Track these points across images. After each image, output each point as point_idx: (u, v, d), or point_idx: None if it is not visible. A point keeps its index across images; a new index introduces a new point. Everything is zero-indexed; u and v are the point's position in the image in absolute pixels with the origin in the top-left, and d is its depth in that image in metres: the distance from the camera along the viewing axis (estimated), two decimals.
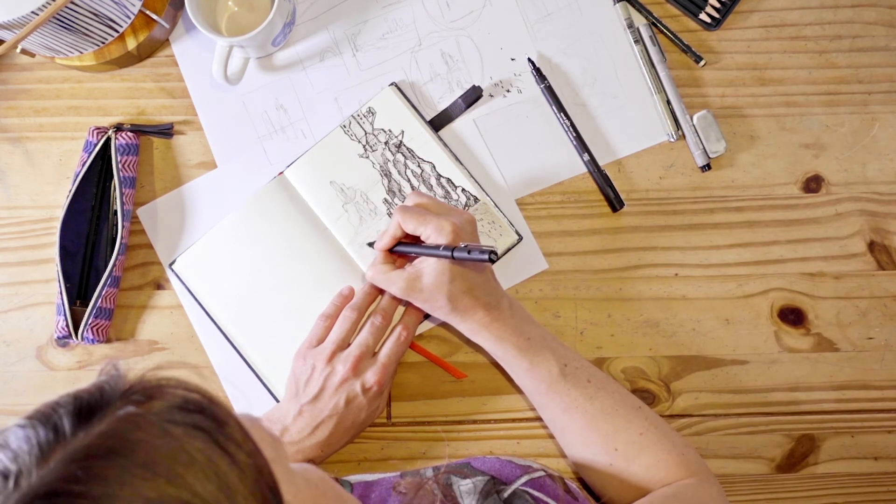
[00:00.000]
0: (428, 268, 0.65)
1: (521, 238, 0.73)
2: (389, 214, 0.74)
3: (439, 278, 0.64)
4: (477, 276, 0.66)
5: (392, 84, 0.75)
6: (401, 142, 0.74)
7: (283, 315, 0.73)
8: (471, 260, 0.62)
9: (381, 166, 0.74)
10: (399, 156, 0.74)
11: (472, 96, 0.75)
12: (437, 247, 0.64)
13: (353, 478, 0.61)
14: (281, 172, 0.74)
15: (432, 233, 0.64)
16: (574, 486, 0.62)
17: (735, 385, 0.74)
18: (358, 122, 0.74)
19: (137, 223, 0.75)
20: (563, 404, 0.66)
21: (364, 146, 0.74)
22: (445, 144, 0.74)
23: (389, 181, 0.74)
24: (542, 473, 0.60)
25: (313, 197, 0.74)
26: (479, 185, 0.74)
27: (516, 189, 0.75)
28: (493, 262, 0.61)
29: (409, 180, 0.74)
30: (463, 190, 0.74)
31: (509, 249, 0.73)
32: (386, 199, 0.74)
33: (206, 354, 0.74)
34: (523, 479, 0.59)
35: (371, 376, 0.66)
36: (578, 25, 0.77)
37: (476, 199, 0.74)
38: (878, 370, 0.74)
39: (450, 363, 0.73)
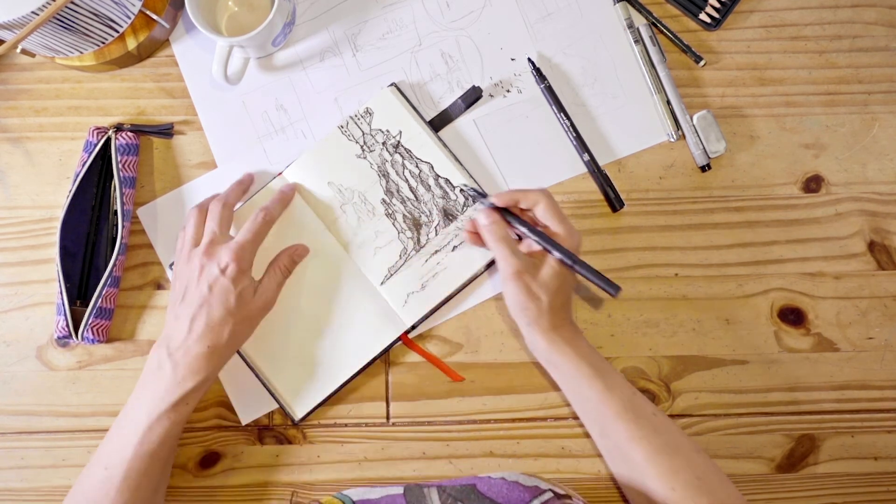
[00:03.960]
0: (549, 263, 0.66)
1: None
2: (387, 215, 0.74)
3: (554, 280, 0.66)
4: (571, 293, 0.68)
5: (392, 84, 0.75)
6: (398, 142, 0.74)
7: (282, 315, 0.72)
8: (595, 281, 0.65)
9: (378, 167, 0.74)
10: (397, 156, 0.74)
11: (472, 96, 0.75)
12: (557, 247, 0.66)
13: (355, 493, 0.61)
14: (280, 173, 0.74)
15: (565, 233, 0.66)
16: (581, 501, 0.61)
17: (735, 385, 0.74)
18: (356, 123, 0.74)
19: (137, 223, 0.75)
20: (628, 433, 0.65)
21: (362, 146, 0.74)
22: (445, 144, 0.74)
23: (388, 182, 0.74)
24: (551, 495, 0.59)
25: (311, 198, 0.74)
26: (477, 184, 0.74)
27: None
28: (615, 295, 0.64)
29: (406, 181, 0.74)
30: (462, 190, 0.74)
31: None
32: (384, 200, 0.74)
33: None
34: None
35: (224, 255, 0.66)
36: (578, 25, 0.77)
37: (475, 200, 0.73)
38: (878, 370, 0.74)
39: (448, 365, 0.73)
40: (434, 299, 0.73)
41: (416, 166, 0.74)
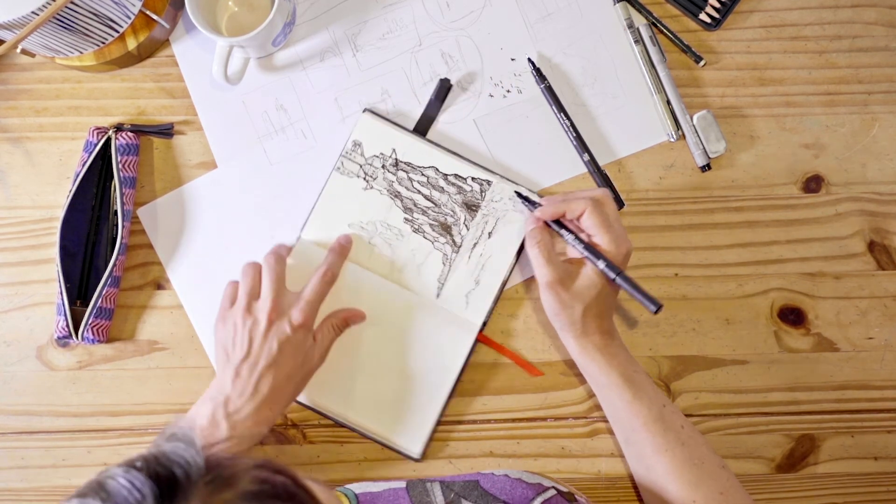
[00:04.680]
0: (587, 274, 0.66)
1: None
2: (415, 231, 0.73)
3: (588, 289, 0.66)
4: (611, 302, 0.67)
5: (365, 110, 0.75)
6: (396, 159, 0.74)
7: (359, 365, 0.71)
8: (634, 296, 0.65)
9: (387, 190, 0.74)
10: (400, 173, 0.74)
11: (443, 91, 0.74)
12: (599, 257, 0.65)
13: (357, 487, 0.61)
14: (298, 238, 0.74)
15: (609, 243, 0.66)
16: (584, 498, 0.61)
17: (735, 385, 0.74)
18: (349, 159, 0.74)
19: (137, 223, 0.75)
20: (654, 444, 0.65)
21: (364, 178, 0.74)
22: (438, 144, 0.74)
23: (402, 200, 0.74)
24: (554, 492, 0.59)
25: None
26: (484, 168, 0.74)
27: (516, 189, 0.75)
28: (656, 312, 0.64)
29: (419, 192, 0.74)
30: (473, 179, 0.74)
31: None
32: (406, 218, 0.73)
33: (206, 355, 0.74)
34: (536, 502, 0.58)
35: (296, 313, 0.64)
36: (578, 25, 0.77)
37: (489, 182, 0.74)
38: (878, 370, 0.74)
39: (527, 361, 0.73)
40: (493, 288, 0.73)
41: (422, 174, 0.74)
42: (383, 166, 0.74)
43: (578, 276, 0.66)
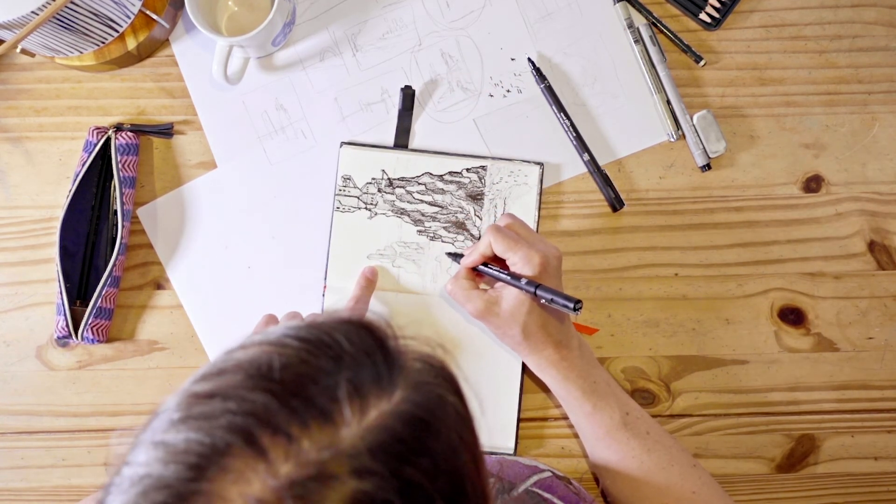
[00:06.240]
0: (508, 295, 0.65)
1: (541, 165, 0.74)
2: (432, 239, 0.73)
3: (517, 308, 0.65)
4: (553, 311, 0.66)
5: (342, 144, 0.74)
6: (389, 179, 0.74)
7: None
8: (552, 305, 0.62)
9: (391, 210, 0.74)
10: (398, 190, 0.74)
11: (408, 99, 0.74)
12: (519, 278, 0.64)
13: None
14: (325, 286, 0.73)
15: (519, 261, 0.64)
16: (580, 486, 0.62)
17: (735, 385, 0.74)
18: (345, 195, 0.74)
19: (137, 223, 0.75)
20: (619, 453, 0.65)
21: (365, 208, 0.74)
22: (423, 150, 0.75)
23: (409, 215, 0.74)
24: (550, 474, 0.60)
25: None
26: (474, 156, 0.74)
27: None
28: (576, 311, 0.61)
29: (421, 201, 0.74)
30: (468, 170, 0.74)
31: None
32: (419, 231, 0.74)
33: (206, 354, 0.74)
34: (532, 480, 0.59)
35: None
36: (578, 25, 0.77)
37: (484, 168, 0.74)
38: (878, 370, 0.74)
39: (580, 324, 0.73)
40: None
41: (418, 184, 0.74)
42: (379, 190, 0.74)
43: (503, 298, 0.66)
